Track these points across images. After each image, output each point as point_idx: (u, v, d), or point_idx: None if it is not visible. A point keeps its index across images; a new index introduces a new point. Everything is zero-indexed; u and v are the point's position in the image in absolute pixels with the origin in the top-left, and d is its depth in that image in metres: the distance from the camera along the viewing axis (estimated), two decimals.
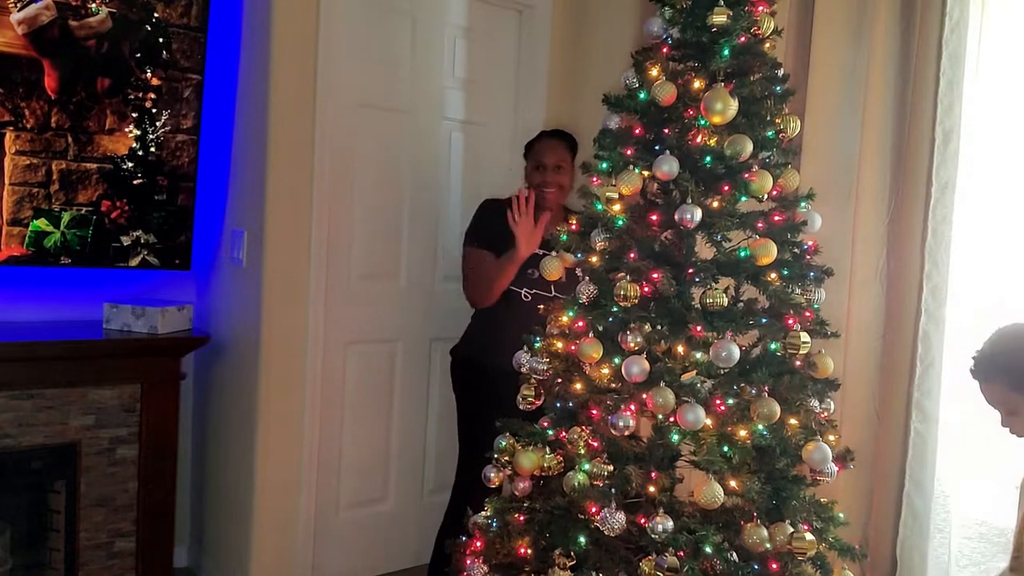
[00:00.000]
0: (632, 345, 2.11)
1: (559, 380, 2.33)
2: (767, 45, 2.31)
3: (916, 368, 2.62)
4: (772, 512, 2.10)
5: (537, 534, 2.26)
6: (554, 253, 2.41)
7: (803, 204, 2.32)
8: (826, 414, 2.25)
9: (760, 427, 2.08)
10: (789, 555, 2.06)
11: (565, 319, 2.31)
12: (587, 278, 2.31)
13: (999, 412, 1.89)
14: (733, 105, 2.12)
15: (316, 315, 2.97)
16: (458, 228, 3.37)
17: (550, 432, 2.30)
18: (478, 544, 2.34)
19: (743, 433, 2.08)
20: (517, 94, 3.48)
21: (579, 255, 2.37)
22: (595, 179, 2.34)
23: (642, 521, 2.07)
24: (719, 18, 2.16)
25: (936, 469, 2.62)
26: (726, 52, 2.19)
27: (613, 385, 2.22)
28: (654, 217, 2.27)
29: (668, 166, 2.14)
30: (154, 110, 2.83)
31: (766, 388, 2.10)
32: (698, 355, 2.15)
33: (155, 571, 2.81)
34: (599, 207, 2.29)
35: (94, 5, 2.68)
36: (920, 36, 2.65)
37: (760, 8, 2.26)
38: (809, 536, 2.04)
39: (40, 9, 2.59)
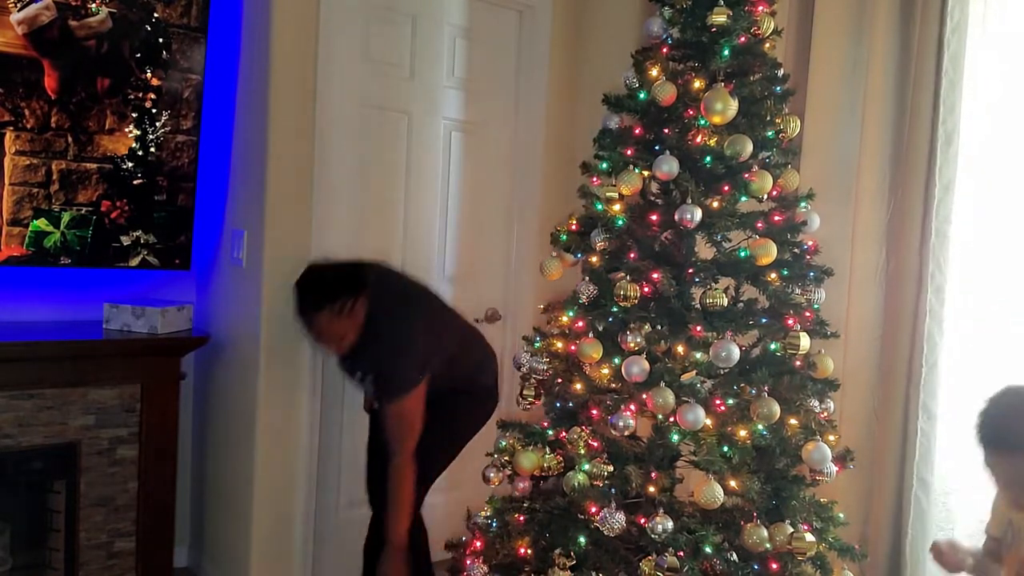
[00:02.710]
0: (632, 345, 2.11)
1: (559, 380, 2.33)
2: (767, 45, 2.31)
3: (921, 369, 2.62)
4: (772, 512, 2.10)
5: (537, 534, 2.26)
6: (553, 254, 2.41)
7: (803, 204, 2.33)
8: (826, 414, 2.25)
9: (760, 427, 2.09)
10: (789, 555, 2.06)
11: (565, 319, 2.32)
12: (587, 278, 2.31)
13: (1008, 485, 1.65)
14: (733, 105, 2.12)
15: None
16: (457, 228, 3.37)
17: (550, 432, 2.30)
18: (478, 544, 2.35)
19: (743, 433, 2.08)
20: (517, 94, 3.47)
21: (579, 255, 2.37)
22: (595, 179, 2.35)
23: (642, 521, 2.07)
24: (719, 18, 2.16)
25: (936, 467, 2.62)
26: (726, 52, 2.19)
27: (613, 385, 2.23)
28: (654, 217, 2.28)
29: (668, 166, 2.15)
30: (154, 110, 2.83)
31: (766, 388, 2.10)
32: (698, 355, 2.15)
33: (155, 571, 2.81)
34: (599, 207, 2.30)
35: (94, 5, 2.68)
36: (920, 36, 2.65)
37: (760, 8, 2.26)
38: (809, 536, 2.05)
39: (40, 9, 2.59)
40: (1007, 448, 1.62)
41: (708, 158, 2.19)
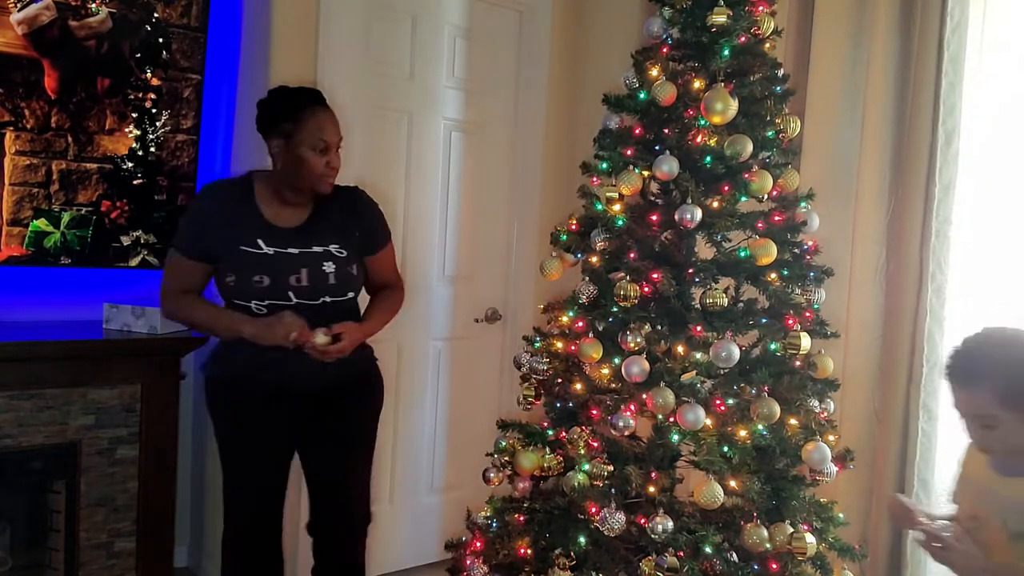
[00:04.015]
0: (632, 345, 2.11)
1: (559, 380, 2.33)
2: (767, 45, 2.31)
3: (921, 368, 2.62)
4: (772, 512, 2.10)
5: (537, 534, 2.26)
6: (553, 254, 2.41)
7: (803, 204, 2.33)
8: (826, 414, 2.25)
9: (760, 427, 2.09)
10: (789, 555, 2.06)
11: (565, 319, 2.32)
12: (587, 278, 2.31)
13: (969, 423, 1.68)
14: (733, 105, 2.12)
15: None
16: (457, 228, 3.37)
17: (550, 432, 2.30)
18: (478, 544, 2.35)
19: (743, 433, 2.08)
20: (517, 94, 3.48)
21: (579, 255, 2.37)
22: (595, 179, 2.35)
23: (642, 521, 2.07)
24: (719, 18, 2.17)
25: (936, 468, 2.62)
26: (726, 52, 2.19)
27: (613, 385, 2.23)
28: (654, 217, 2.28)
29: (668, 166, 2.15)
30: (154, 110, 2.83)
31: (766, 388, 2.10)
32: (698, 355, 2.15)
33: (155, 571, 2.81)
34: (599, 207, 2.30)
35: (94, 5, 2.68)
36: (920, 37, 2.65)
37: (760, 8, 2.26)
38: (809, 536, 2.05)
39: (40, 9, 2.59)
40: (966, 383, 1.66)
41: (708, 158, 2.19)
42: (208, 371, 2.26)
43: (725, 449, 2.06)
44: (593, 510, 2.08)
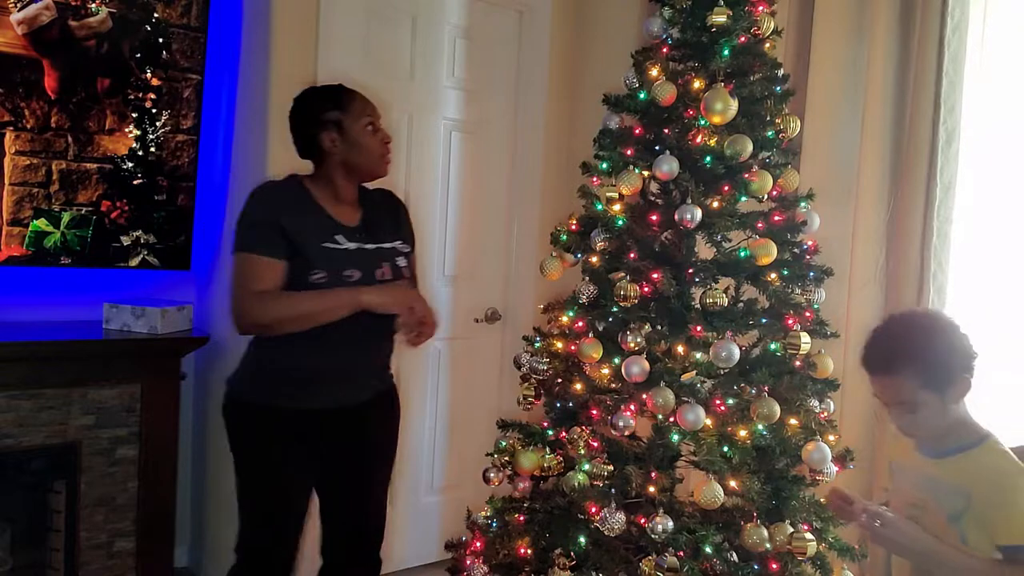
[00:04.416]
0: (632, 345, 2.11)
1: (559, 380, 2.33)
2: (767, 45, 2.31)
3: None
4: (772, 512, 2.10)
5: (537, 534, 2.26)
6: (553, 254, 2.41)
7: (803, 204, 2.33)
8: (826, 414, 2.25)
9: (760, 427, 2.09)
10: (789, 555, 2.06)
11: (565, 319, 2.32)
12: (587, 278, 2.31)
13: (892, 408, 1.70)
14: (733, 105, 2.12)
15: None
16: (457, 228, 3.37)
17: (550, 432, 2.30)
18: (478, 544, 2.35)
19: (743, 433, 2.08)
20: (517, 94, 3.48)
21: (579, 255, 2.37)
22: (595, 179, 2.35)
23: (642, 521, 2.07)
24: (719, 18, 2.17)
25: None
26: (726, 52, 2.20)
27: (613, 385, 2.23)
28: (654, 217, 2.27)
29: (668, 166, 2.15)
30: (154, 110, 2.83)
31: (766, 388, 2.10)
32: (698, 355, 2.15)
33: (155, 571, 2.81)
34: (599, 207, 2.30)
35: (94, 5, 2.68)
36: (920, 36, 2.65)
37: (760, 8, 2.26)
38: (809, 536, 2.05)
39: (40, 9, 2.59)
40: (886, 369, 1.68)
41: (708, 158, 2.19)
42: (238, 390, 2.12)
43: (725, 449, 2.06)
44: (593, 510, 2.08)
